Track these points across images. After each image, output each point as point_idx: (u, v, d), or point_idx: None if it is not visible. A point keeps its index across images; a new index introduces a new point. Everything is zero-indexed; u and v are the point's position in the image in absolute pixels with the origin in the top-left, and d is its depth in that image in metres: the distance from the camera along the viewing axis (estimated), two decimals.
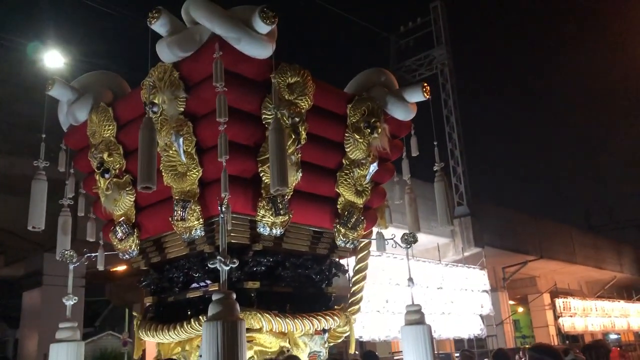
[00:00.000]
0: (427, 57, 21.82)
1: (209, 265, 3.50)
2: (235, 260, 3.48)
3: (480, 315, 16.88)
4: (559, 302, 22.30)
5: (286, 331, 4.29)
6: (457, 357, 10.16)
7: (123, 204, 4.53)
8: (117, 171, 4.52)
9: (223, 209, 3.46)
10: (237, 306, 3.40)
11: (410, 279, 4.84)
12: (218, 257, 3.43)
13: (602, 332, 25.42)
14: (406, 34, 23.29)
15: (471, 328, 16.43)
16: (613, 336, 29.77)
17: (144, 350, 5.01)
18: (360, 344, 17.42)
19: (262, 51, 3.91)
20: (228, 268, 3.46)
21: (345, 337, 5.13)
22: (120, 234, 4.57)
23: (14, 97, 11.10)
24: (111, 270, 14.57)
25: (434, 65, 21.43)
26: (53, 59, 12.01)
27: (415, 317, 4.56)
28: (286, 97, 4.15)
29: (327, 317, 4.61)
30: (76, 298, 4.63)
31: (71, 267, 4.66)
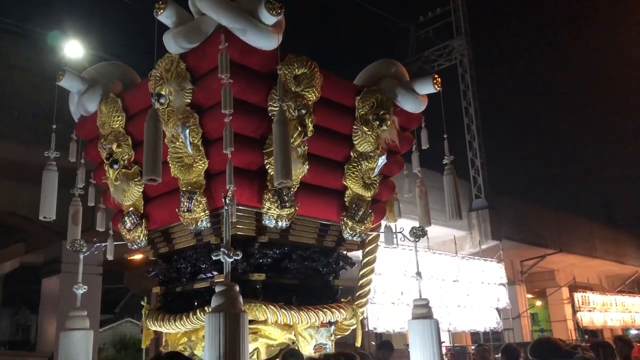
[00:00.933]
0: (447, 48, 21.55)
1: (213, 256, 3.52)
2: (239, 252, 3.49)
3: (497, 309, 16.76)
4: (578, 296, 22.02)
5: (291, 323, 4.30)
6: (473, 349, 10.10)
7: (131, 195, 4.56)
8: (126, 162, 4.55)
9: (227, 201, 3.47)
10: (240, 298, 3.41)
11: (418, 273, 4.81)
12: (221, 249, 3.44)
13: (622, 327, 25.07)
14: (425, 24, 23.02)
15: (487, 321, 16.33)
16: (634, 332, 29.37)
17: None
18: (376, 335, 17.46)
19: (268, 42, 3.89)
20: (232, 260, 3.47)
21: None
22: (128, 224, 4.61)
23: (36, 87, 11.24)
24: (128, 258, 14.78)
25: (453, 56, 21.14)
26: (73, 49, 12.13)
27: (423, 311, 4.52)
28: (293, 88, 4.12)
29: (334, 310, 4.60)
30: (85, 287, 4.69)
31: (81, 256, 4.73)
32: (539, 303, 27.96)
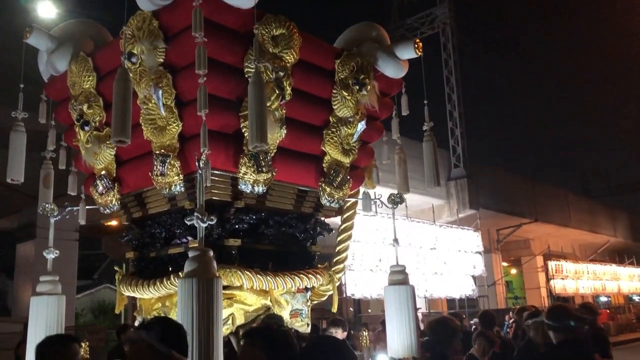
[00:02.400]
0: (429, 16, 21.34)
1: (187, 221, 3.44)
2: (213, 217, 3.42)
3: (473, 276, 17.07)
4: (552, 264, 22.49)
5: (267, 289, 4.26)
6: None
7: (103, 158, 4.44)
8: (97, 124, 4.40)
9: (201, 165, 3.38)
10: (214, 263, 3.35)
11: (395, 240, 4.81)
12: (195, 214, 3.37)
13: (592, 294, 25.77)
14: None
15: (463, 288, 16.64)
16: (603, 299, 30.24)
17: None
18: (354, 301, 17.66)
19: (244, 0, 3.73)
20: (206, 225, 3.41)
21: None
22: (100, 188, 4.50)
23: (6, 47, 10.86)
24: (106, 224, 14.61)
25: (436, 24, 20.98)
26: (46, 8, 11.72)
27: (399, 277, 4.53)
28: (270, 50, 4.00)
29: (310, 276, 4.58)
30: (57, 252, 4.59)
31: (52, 220, 4.61)
32: (514, 271, 28.58)
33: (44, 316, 4.21)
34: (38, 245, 12.59)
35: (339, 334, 5.40)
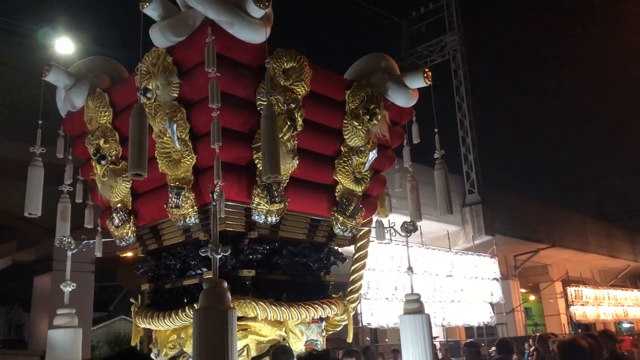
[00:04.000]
0: (439, 43, 21.56)
1: (201, 253, 3.48)
2: (227, 248, 3.45)
3: (491, 303, 16.80)
4: (571, 290, 22.10)
5: (282, 320, 4.26)
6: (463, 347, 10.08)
7: (119, 191, 4.51)
8: (114, 158, 4.49)
9: (215, 197, 3.43)
10: (229, 294, 3.37)
11: (410, 268, 4.78)
12: (209, 245, 3.40)
13: (614, 321, 25.23)
14: (418, 19, 23.03)
15: (481, 316, 16.37)
16: (626, 325, 29.55)
17: None
18: (370, 330, 17.45)
19: (255, 36, 3.83)
20: (220, 256, 3.43)
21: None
22: (116, 221, 4.56)
23: (26, 84, 11.16)
24: (121, 255, 14.70)
25: (446, 51, 21.15)
26: (64, 45, 12.05)
27: (414, 306, 4.49)
28: (282, 82, 4.08)
29: (325, 306, 4.57)
30: (74, 285, 4.64)
31: (69, 253, 4.66)
32: (532, 297, 28.12)
33: (62, 349, 4.24)
34: (55, 277, 12.67)
35: None
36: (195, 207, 4.03)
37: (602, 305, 23.52)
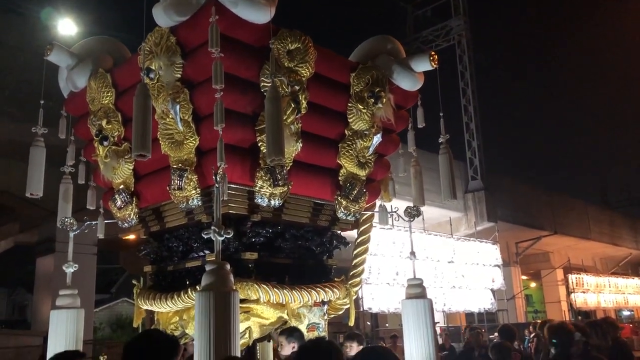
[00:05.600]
0: (445, 28, 21.36)
1: (204, 235, 3.46)
2: (229, 231, 3.45)
3: (492, 290, 16.84)
4: (572, 277, 22.14)
5: (284, 302, 4.25)
6: (464, 331, 10.12)
7: (122, 172, 4.48)
8: (116, 139, 4.46)
9: (218, 179, 3.41)
10: (231, 277, 3.37)
11: (413, 253, 4.76)
12: (212, 227, 3.40)
13: (614, 308, 25.30)
14: (423, 3, 22.80)
15: (482, 302, 16.42)
16: (626, 313, 29.64)
17: None
18: (371, 315, 17.52)
19: (260, 15, 3.77)
20: (222, 238, 3.43)
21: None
22: (119, 202, 4.54)
23: (28, 65, 11.10)
24: (124, 238, 14.77)
25: (451, 36, 20.97)
26: (66, 26, 11.97)
27: (416, 290, 4.48)
28: (286, 64, 4.02)
29: (327, 289, 4.55)
30: (76, 266, 4.65)
31: (71, 234, 4.67)
32: (533, 284, 28.20)
33: (64, 329, 4.26)
34: (57, 259, 12.72)
35: (355, 348, 5.34)
36: (198, 189, 4.01)
37: (602, 292, 23.57)
